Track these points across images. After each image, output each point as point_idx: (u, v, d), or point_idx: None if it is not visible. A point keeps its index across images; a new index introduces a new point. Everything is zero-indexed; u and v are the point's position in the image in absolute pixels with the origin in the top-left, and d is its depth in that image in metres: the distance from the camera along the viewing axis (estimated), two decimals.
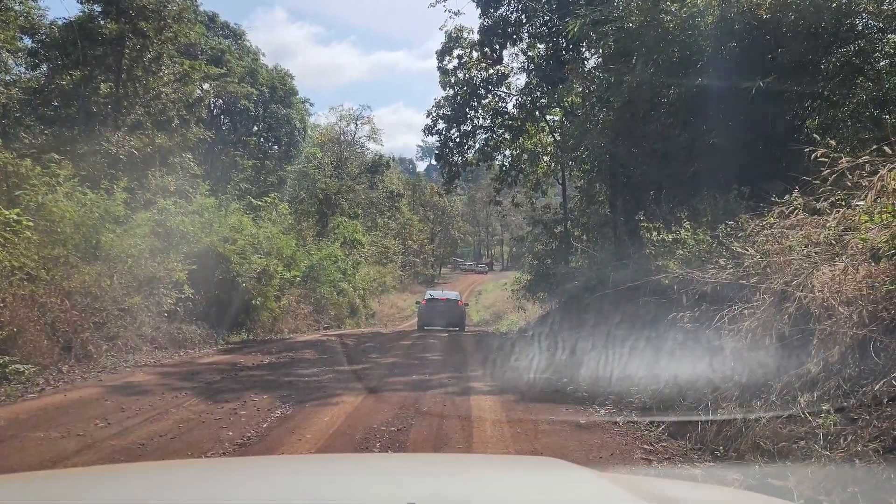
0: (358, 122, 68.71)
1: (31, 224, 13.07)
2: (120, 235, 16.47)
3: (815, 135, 7.80)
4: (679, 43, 12.12)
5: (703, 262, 7.33)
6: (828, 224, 6.14)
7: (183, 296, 17.52)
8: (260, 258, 21.55)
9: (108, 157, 24.04)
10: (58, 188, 16.04)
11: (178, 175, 27.25)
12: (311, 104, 70.14)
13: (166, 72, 27.66)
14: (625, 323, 8.62)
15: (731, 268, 6.53)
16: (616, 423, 6.53)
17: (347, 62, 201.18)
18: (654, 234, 8.37)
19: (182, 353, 13.72)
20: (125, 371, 10.54)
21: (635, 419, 6.48)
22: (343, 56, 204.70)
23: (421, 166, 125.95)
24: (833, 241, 5.66)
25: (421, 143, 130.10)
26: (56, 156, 18.34)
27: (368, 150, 69.58)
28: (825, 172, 6.17)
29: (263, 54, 52.76)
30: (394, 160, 73.73)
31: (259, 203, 30.59)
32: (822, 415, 4.56)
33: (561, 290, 16.42)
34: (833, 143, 6.71)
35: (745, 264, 6.49)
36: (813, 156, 6.44)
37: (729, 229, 7.39)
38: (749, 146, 10.86)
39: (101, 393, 8.28)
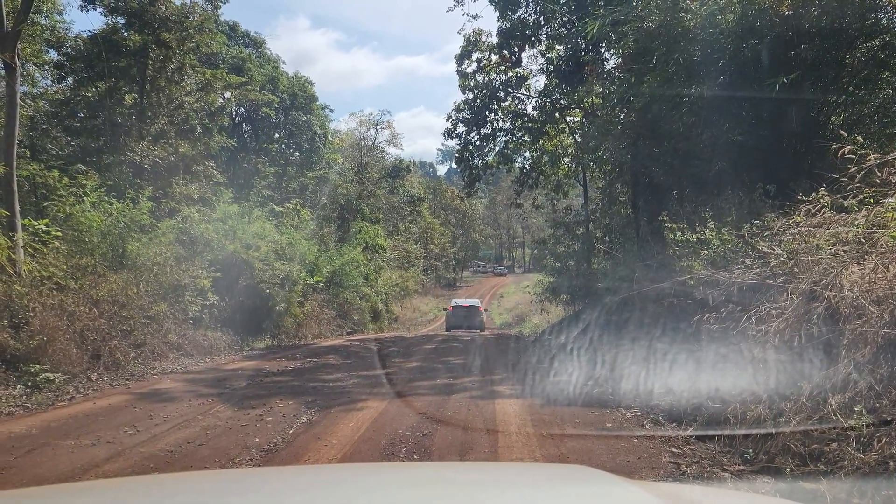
0: (378, 127, 69.12)
1: (59, 234, 13.31)
2: (145, 244, 16.71)
3: (841, 131, 7.66)
4: (700, 41, 12.01)
5: (729, 263, 7.25)
6: (856, 222, 6.05)
7: (208, 303, 17.71)
8: (283, 264, 21.70)
9: (133, 166, 24.43)
10: (85, 198, 16.32)
11: (201, 183, 27.65)
12: (332, 110, 70.49)
13: (189, 81, 28.01)
14: (649, 325, 8.54)
15: (757, 268, 6.44)
16: (642, 425, 6.47)
17: (368, 67, 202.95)
18: (678, 234, 8.29)
19: (208, 360, 13.84)
20: (153, 378, 10.66)
21: (662, 422, 6.42)
22: (364, 61, 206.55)
23: (441, 170, 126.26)
24: (862, 240, 5.57)
25: (441, 147, 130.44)
26: (82, 167, 18.67)
27: (389, 154, 69.95)
28: (853, 169, 6.07)
29: (284, 62, 53.44)
30: (414, 164, 73.86)
31: (281, 210, 30.92)
32: (855, 417, 4.48)
33: (583, 292, 16.34)
34: (861, 139, 6.60)
35: (772, 264, 6.40)
36: (840, 153, 6.34)
37: (754, 228, 7.30)
38: (772, 144, 10.73)
39: (129, 400, 8.38)
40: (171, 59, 26.39)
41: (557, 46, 23.70)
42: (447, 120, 25.22)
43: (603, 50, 20.18)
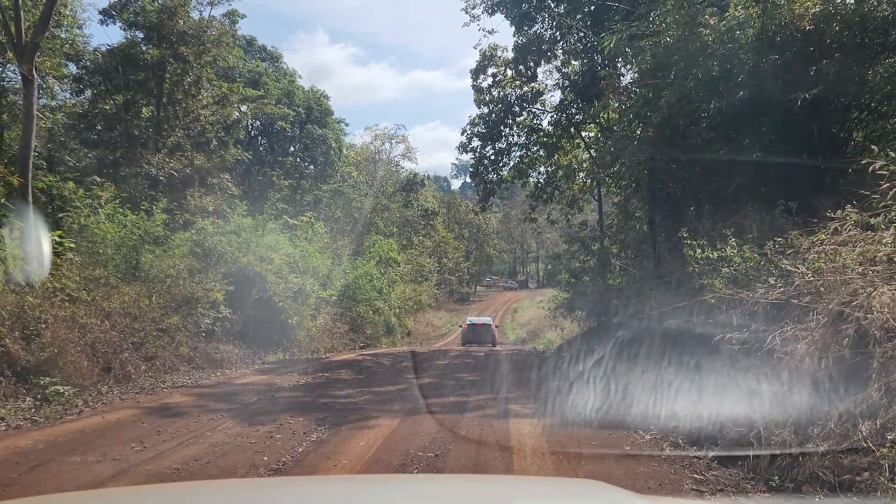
0: (393, 142, 69.35)
1: (72, 245, 13.31)
2: (159, 256, 16.72)
3: (872, 146, 7.46)
4: (718, 56, 11.86)
5: (751, 281, 7.05)
6: (884, 240, 5.85)
7: (220, 316, 17.66)
8: (296, 277, 21.66)
9: (149, 178, 24.50)
10: (99, 210, 16.37)
11: (216, 196, 27.73)
12: (347, 124, 70.63)
13: (205, 95, 28.16)
14: (668, 344, 8.34)
15: (781, 286, 6.25)
16: (663, 448, 6.27)
17: (384, 82, 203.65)
18: (699, 251, 8.09)
19: (219, 374, 13.74)
20: (163, 392, 10.57)
21: (682, 445, 6.22)
22: (380, 76, 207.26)
23: (456, 184, 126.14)
24: (894, 259, 5.37)
25: (455, 161, 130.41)
26: (98, 178, 18.72)
27: (403, 168, 70.08)
28: (885, 186, 5.88)
29: (300, 76, 53.55)
30: (428, 178, 73.90)
31: (295, 223, 30.96)
32: (888, 444, 4.28)
33: (600, 308, 16.12)
34: (893, 154, 6.40)
35: (797, 283, 6.20)
36: (871, 168, 6.15)
37: (777, 246, 7.10)
38: (793, 160, 10.52)
39: (138, 415, 8.28)
40: (188, 73, 26.56)
41: (573, 62, 23.62)
42: (462, 134, 25.15)
43: (619, 65, 20.03)
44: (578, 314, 19.78)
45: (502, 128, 24.98)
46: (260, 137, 49.31)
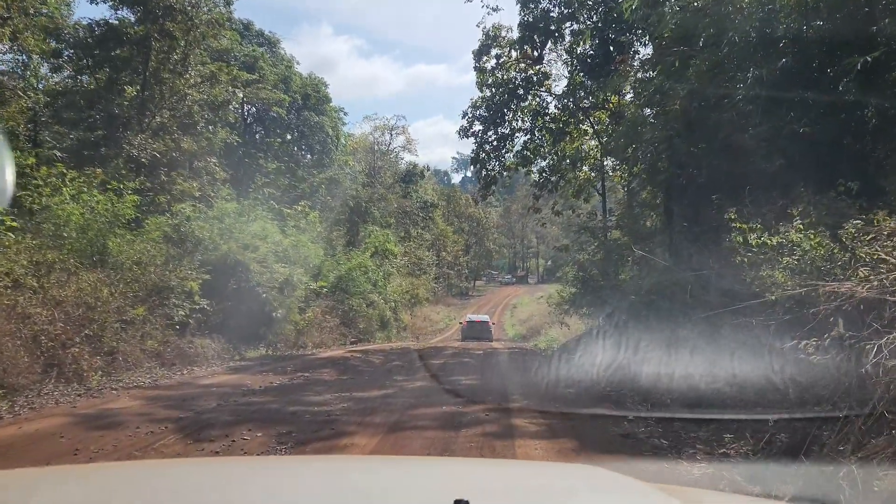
0: (393, 133, 67.77)
1: (15, 224, 11.85)
2: (129, 241, 15.25)
3: None
4: (756, 20, 10.39)
5: (821, 273, 5.60)
6: None
7: (197, 307, 16.23)
8: (283, 267, 20.19)
9: (131, 160, 23.01)
10: (64, 190, 14.90)
11: (202, 180, 26.26)
12: (346, 113, 69.03)
13: (193, 73, 26.63)
14: (707, 349, 6.87)
15: (873, 279, 4.80)
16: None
17: (388, 75, 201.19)
18: (752, 237, 6.60)
19: (186, 371, 12.31)
20: (109, 394, 9.11)
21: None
22: (384, 69, 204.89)
23: (456, 178, 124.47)
24: None
25: (456, 156, 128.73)
26: (58, 153, 17.23)
27: (403, 160, 68.57)
28: None
29: (298, 62, 51.92)
30: (428, 170, 72.34)
31: (288, 211, 29.52)
32: None
33: (614, 302, 14.68)
34: None
35: (892, 276, 4.75)
36: None
37: (854, 230, 5.65)
38: (850, 136, 9.08)
39: (64, 425, 6.82)
40: (175, 50, 25.04)
41: (583, 43, 22.10)
42: (463, 117, 23.53)
43: (635, 39, 18.55)
44: (586, 311, 18.26)
45: (506, 111, 23.43)
46: (255, 125, 47.84)
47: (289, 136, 48.94)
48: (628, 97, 18.74)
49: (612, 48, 20.47)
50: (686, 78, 11.19)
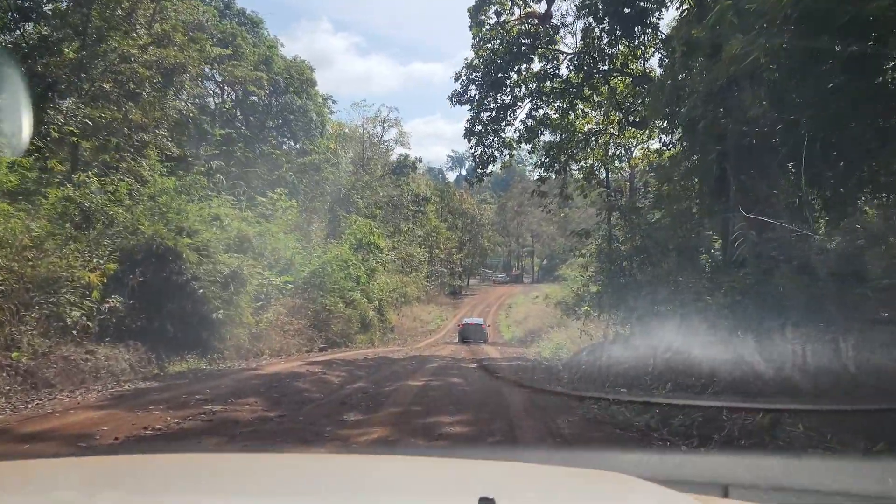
0: (385, 125, 63.94)
1: None
2: (5, 216, 11.45)
3: None
4: None
5: None
6: None
7: (105, 307, 12.47)
8: (232, 258, 16.40)
9: (58, 130, 19.17)
10: None
11: (150, 156, 22.39)
12: (335, 101, 65.19)
13: (141, 32, 22.80)
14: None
15: None
16: None
17: (384, 72, 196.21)
18: None
19: (38, 401, 8.48)
20: None
21: None
22: (380, 66, 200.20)
23: (451, 176, 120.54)
24: None
25: (451, 154, 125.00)
26: None
27: (394, 152, 64.91)
28: None
29: (282, 45, 48.19)
30: (420, 161, 68.53)
31: (261, 199, 25.96)
32: None
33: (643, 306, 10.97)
34: None
35: None
36: None
37: None
38: None
39: None
40: (119, 4, 21.25)
41: None
42: (456, 80, 19.64)
43: None
44: (604, 315, 14.39)
45: (506, 75, 19.56)
46: (236, 110, 44.23)
47: (271, 123, 45.36)
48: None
49: None
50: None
